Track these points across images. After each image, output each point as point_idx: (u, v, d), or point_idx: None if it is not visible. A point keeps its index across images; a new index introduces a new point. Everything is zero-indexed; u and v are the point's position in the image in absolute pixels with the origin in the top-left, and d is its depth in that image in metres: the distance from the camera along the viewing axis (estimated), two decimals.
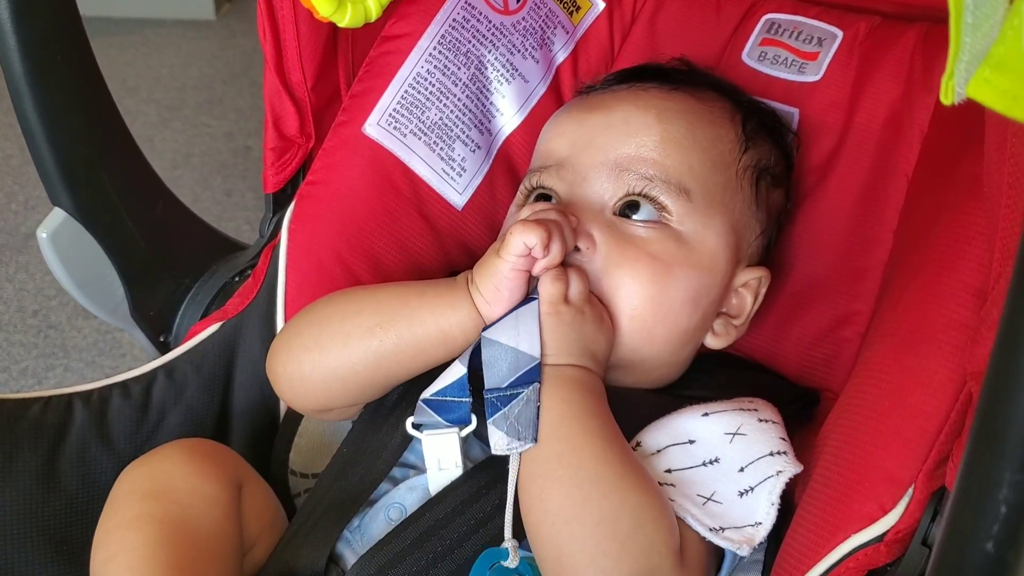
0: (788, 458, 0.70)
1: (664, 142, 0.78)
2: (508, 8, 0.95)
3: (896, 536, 0.61)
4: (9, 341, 1.65)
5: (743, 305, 0.82)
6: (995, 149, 0.57)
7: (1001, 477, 0.39)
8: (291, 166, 0.92)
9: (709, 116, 0.82)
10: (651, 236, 0.76)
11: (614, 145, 0.79)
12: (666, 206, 0.77)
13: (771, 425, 0.72)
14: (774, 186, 0.86)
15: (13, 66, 0.81)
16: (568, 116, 0.85)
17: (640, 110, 0.80)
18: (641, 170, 0.77)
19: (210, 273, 0.96)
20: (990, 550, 0.41)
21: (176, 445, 0.78)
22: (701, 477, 0.69)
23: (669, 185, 0.77)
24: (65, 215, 0.87)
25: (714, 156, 0.80)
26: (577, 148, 0.80)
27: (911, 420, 0.62)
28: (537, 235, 0.68)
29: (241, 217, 1.98)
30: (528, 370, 0.68)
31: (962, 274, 0.63)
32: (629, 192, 0.77)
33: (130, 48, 2.67)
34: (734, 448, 0.70)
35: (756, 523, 0.66)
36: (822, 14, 0.95)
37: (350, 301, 0.77)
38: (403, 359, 0.73)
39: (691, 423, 0.72)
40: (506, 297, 0.70)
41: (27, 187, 2.02)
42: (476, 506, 0.69)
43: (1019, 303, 0.38)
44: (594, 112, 0.82)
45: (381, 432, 0.76)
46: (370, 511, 0.74)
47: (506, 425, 0.66)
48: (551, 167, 0.81)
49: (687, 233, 0.77)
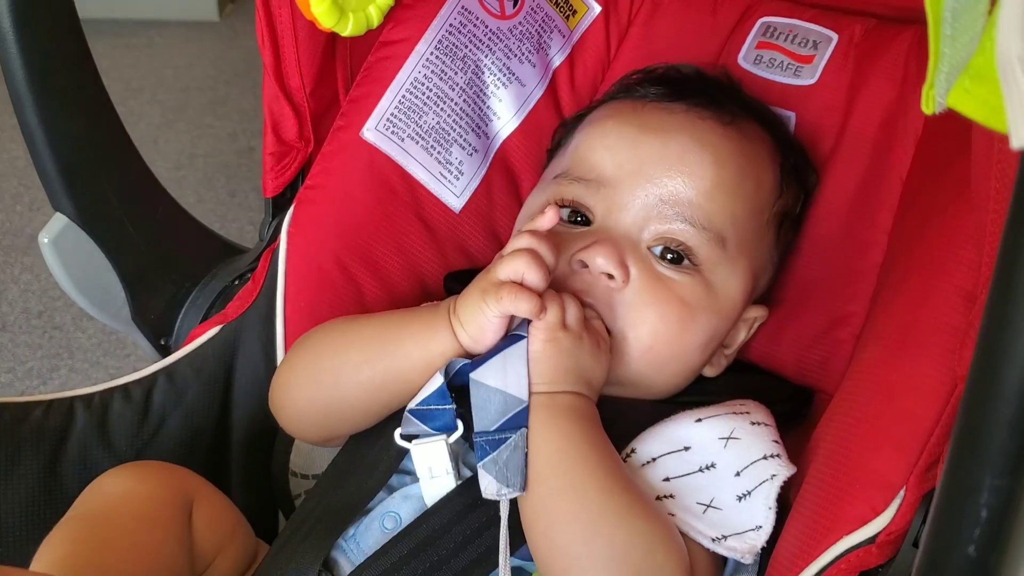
0: (781, 461, 0.70)
1: (715, 188, 0.78)
2: (505, 13, 0.96)
3: (888, 538, 0.61)
4: (14, 342, 1.66)
5: (737, 337, 0.83)
6: (982, 155, 0.57)
7: (982, 482, 0.40)
8: (290, 170, 0.93)
9: (757, 161, 0.82)
10: (683, 281, 0.76)
11: (664, 180, 0.77)
12: (701, 257, 0.77)
13: (763, 428, 0.73)
14: (791, 228, 0.87)
15: (15, 73, 0.81)
16: (620, 132, 0.81)
17: (698, 146, 0.78)
18: (686, 213, 0.77)
19: (210, 277, 0.97)
20: (972, 554, 0.41)
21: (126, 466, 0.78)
22: (699, 483, 0.69)
23: (710, 233, 0.77)
24: (67, 220, 0.88)
25: (755, 204, 0.81)
26: (624, 172, 0.78)
27: (902, 423, 0.62)
28: (528, 305, 0.68)
29: (245, 218, 1.99)
30: (516, 413, 0.68)
31: (953, 277, 0.63)
32: (670, 236, 0.77)
33: (134, 49, 2.68)
34: (729, 453, 0.70)
35: (756, 527, 0.67)
36: (818, 17, 0.95)
37: (340, 335, 0.78)
38: (393, 389, 0.74)
39: (685, 430, 0.72)
40: (489, 337, 0.71)
41: (32, 189, 2.02)
42: (471, 517, 0.69)
43: (999, 309, 0.39)
44: (649, 135, 0.79)
45: (376, 446, 0.76)
46: (365, 519, 0.74)
47: (495, 470, 0.66)
48: (592, 182, 0.79)
49: (716, 281, 0.78)
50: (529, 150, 0.97)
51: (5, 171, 2.11)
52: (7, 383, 1.57)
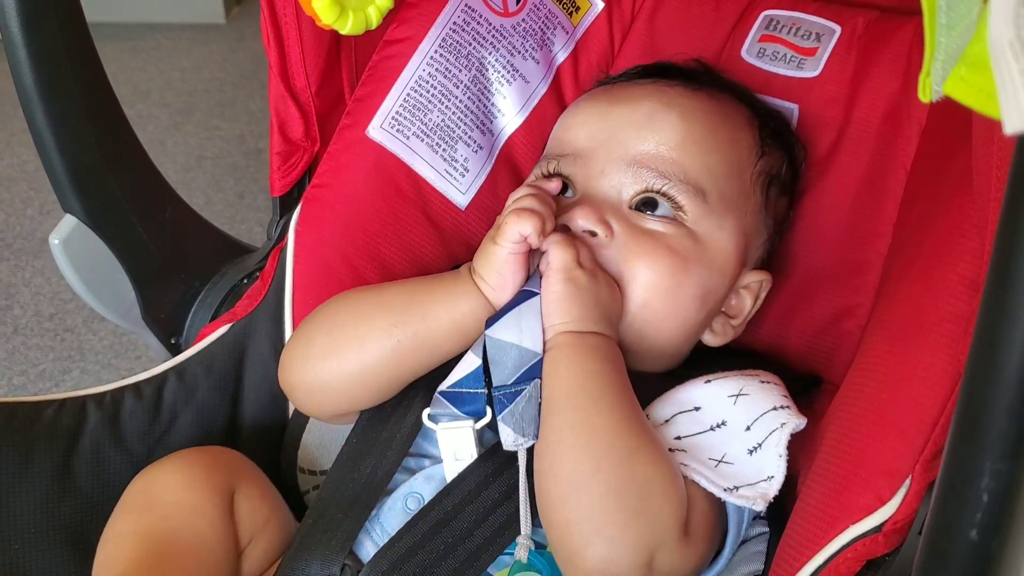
0: (791, 412, 0.71)
1: (685, 141, 0.79)
2: (508, 10, 0.96)
3: (894, 527, 0.61)
4: (27, 344, 1.67)
5: (742, 306, 0.83)
6: (983, 143, 0.57)
7: (983, 466, 0.40)
8: (297, 170, 0.93)
9: (729, 120, 0.83)
10: (668, 232, 0.77)
11: (635, 141, 0.79)
12: (682, 205, 0.78)
13: (772, 386, 0.74)
14: (781, 194, 0.87)
15: (24, 78, 0.82)
16: (591, 106, 0.84)
17: (664, 107, 0.81)
18: (660, 168, 0.78)
19: (219, 276, 0.98)
20: (974, 538, 0.42)
21: (174, 458, 0.80)
22: (710, 441, 0.70)
23: (687, 185, 0.78)
24: (77, 222, 0.89)
25: (732, 160, 0.81)
26: (597, 141, 0.81)
27: (908, 412, 0.62)
28: (531, 224, 0.70)
29: (253, 218, 2.00)
30: (531, 366, 0.69)
31: (957, 266, 0.63)
32: (647, 189, 0.78)
33: (142, 53, 2.69)
34: (738, 408, 0.71)
35: (769, 477, 0.68)
36: (820, 9, 0.95)
37: (359, 303, 0.78)
38: (420, 355, 0.75)
39: (695, 391, 0.73)
40: (510, 280, 0.72)
41: (42, 193, 2.04)
42: (485, 494, 0.71)
43: (997, 295, 0.39)
44: (618, 104, 0.82)
45: (389, 422, 0.77)
46: (387, 500, 0.75)
47: (512, 422, 0.68)
48: (568, 155, 0.82)
49: (701, 233, 0.78)
50: (533, 146, 0.97)
51: (15, 175, 2.13)
52: (20, 385, 1.59)
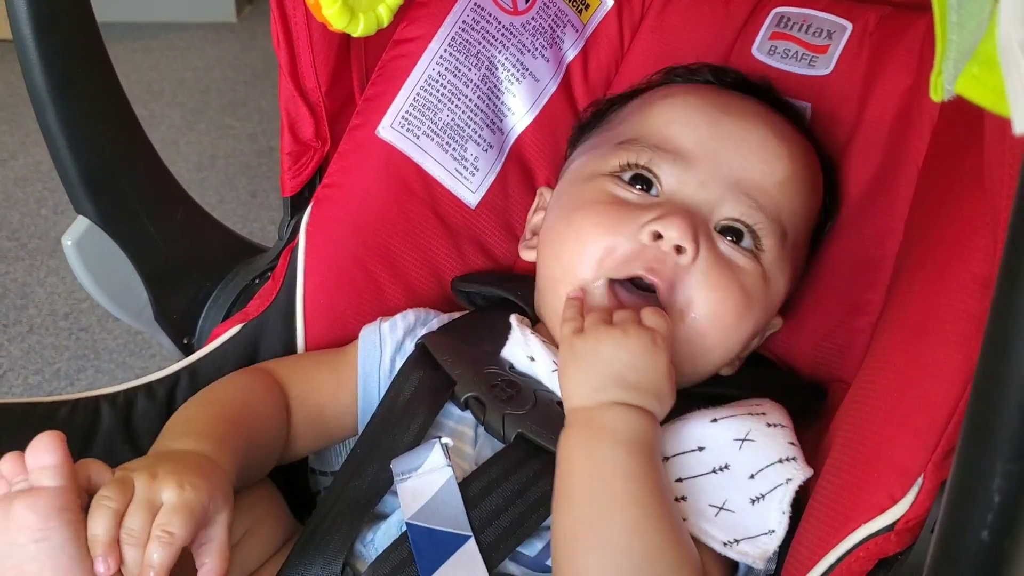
0: (798, 464, 0.70)
1: (789, 181, 0.79)
2: (517, 8, 0.96)
3: (906, 526, 0.61)
4: (42, 344, 1.68)
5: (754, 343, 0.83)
6: (995, 141, 0.57)
7: (994, 467, 0.40)
8: (307, 170, 0.94)
9: (816, 168, 0.84)
10: (746, 267, 0.77)
11: (743, 164, 0.78)
12: (765, 244, 0.78)
13: (780, 430, 0.72)
14: (816, 243, 0.88)
15: (35, 79, 0.83)
16: (700, 109, 0.81)
17: (777, 139, 0.80)
18: (760, 200, 0.77)
19: (231, 276, 0.98)
20: (986, 539, 0.41)
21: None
22: (712, 485, 0.69)
23: (776, 225, 0.78)
24: (89, 223, 0.89)
25: (811, 209, 0.82)
26: (704, 149, 0.78)
27: (920, 410, 0.62)
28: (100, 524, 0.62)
29: (266, 217, 2.01)
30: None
31: (969, 264, 0.63)
32: (740, 219, 0.77)
33: (154, 52, 2.70)
34: (743, 455, 0.70)
35: (769, 531, 0.67)
36: (831, 6, 0.95)
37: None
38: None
39: (700, 429, 0.72)
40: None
41: (56, 193, 2.05)
42: (489, 498, 0.70)
43: (1007, 294, 0.39)
44: (730, 117, 0.80)
45: (392, 434, 0.77)
46: (383, 525, 0.74)
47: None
48: (667, 152, 0.79)
49: (771, 275, 0.78)
50: (544, 144, 0.97)
51: (29, 175, 2.14)
52: (35, 384, 1.60)
